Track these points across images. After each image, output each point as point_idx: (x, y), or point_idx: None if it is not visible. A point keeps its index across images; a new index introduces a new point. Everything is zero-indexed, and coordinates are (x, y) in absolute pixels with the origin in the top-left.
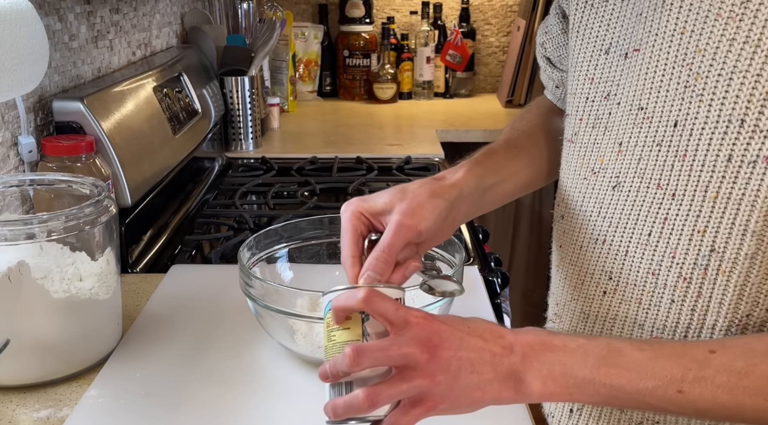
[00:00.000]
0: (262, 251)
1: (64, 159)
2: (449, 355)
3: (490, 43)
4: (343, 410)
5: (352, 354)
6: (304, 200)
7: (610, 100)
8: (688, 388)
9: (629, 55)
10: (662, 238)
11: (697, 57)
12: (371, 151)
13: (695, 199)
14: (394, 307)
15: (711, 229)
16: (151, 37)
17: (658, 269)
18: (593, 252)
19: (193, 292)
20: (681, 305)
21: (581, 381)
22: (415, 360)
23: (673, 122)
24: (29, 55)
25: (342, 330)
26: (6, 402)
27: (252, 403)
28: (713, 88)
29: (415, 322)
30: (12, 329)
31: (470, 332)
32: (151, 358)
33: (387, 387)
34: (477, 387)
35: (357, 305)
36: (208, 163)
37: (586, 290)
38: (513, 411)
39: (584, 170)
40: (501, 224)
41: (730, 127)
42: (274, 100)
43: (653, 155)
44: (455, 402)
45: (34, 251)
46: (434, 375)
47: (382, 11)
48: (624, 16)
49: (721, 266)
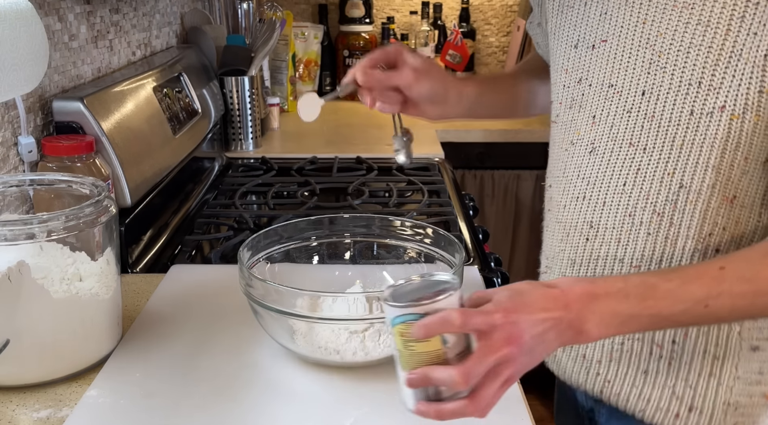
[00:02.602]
0: (262, 251)
1: (64, 159)
2: (527, 339)
3: (490, 43)
4: (449, 415)
5: (462, 379)
6: (304, 200)
7: (582, 83)
8: (712, 303)
9: (596, 46)
10: (636, 186)
11: (659, 39)
12: (371, 151)
13: (664, 149)
14: (481, 319)
15: (679, 170)
16: (151, 37)
17: (634, 211)
18: (575, 209)
19: (193, 292)
20: (656, 236)
21: (626, 317)
22: (507, 357)
23: (641, 92)
24: (29, 55)
25: (422, 341)
26: (6, 402)
27: (252, 403)
28: (674, 61)
29: (500, 325)
30: (12, 329)
31: (534, 309)
32: (151, 358)
33: (487, 388)
34: (545, 351)
35: (455, 330)
36: (208, 163)
37: (570, 240)
38: (513, 412)
39: (565, 143)
40: (501, 224)
41: (691, 88)
42: (274, 100)
43: (624, 120)
44: (529, 367)
45: (34, 251)
46: (518, 359)
47: (382, 11)
48: (588, 16)
49: (688, 197)
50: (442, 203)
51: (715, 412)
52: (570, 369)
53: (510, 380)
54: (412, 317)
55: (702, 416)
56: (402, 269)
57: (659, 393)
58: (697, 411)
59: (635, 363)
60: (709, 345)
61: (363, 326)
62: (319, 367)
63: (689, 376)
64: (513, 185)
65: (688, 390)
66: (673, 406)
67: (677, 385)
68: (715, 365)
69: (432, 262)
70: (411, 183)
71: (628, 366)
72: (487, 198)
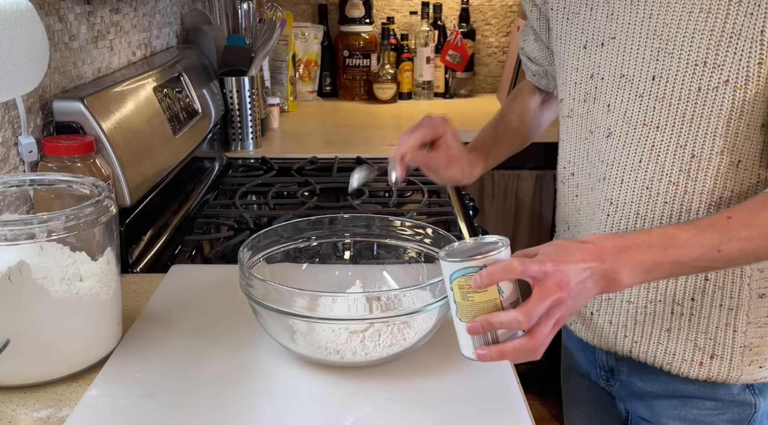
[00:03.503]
0: (262, 251)
1: (64, 159)
2: (573, 285)
3: (490, 44)
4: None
5: (525, 318)
6: (304, 200)
7: (595, 78)
8: (724, 247)
9: (605, 43)
10: (651, 160)
11: (665, 29)
12: (371, 151)
13: (675, 125)
14: (537, 267)
15: (690, 142)
16: (151, 37)
17: (651, 184)
18: (598, 189)
19: (193, 292)
20: (672, 204)
21: (652, 264)
22: (559, 300)
23: (651, 77)
24: (29, 55)
25: (480, 292)
26: (6, 402)
27: (252, 403)
28: (680, 46)
29: (551, 272)
30: (12, 329)
31: (576, 259)
32: (151, 358)
33: (543, 328)
34: (585, 297)
35: (517, 276)
36: (208, 163)
37: (595, 219)
38: (513, 412)
39: (584, 133)
40: (501, 224)
41: (697, 68)
42: (274, 101)
43: (636, 105)
44: (574, 312)
45: (34, 251)
46: (567, 302)
47: (382, 11)
48: (595, 19)
49: (700, 165)
50: (442, 203)
51: (734, 355)
52: (600, 334)
53: (560, 321)
54: (471, 270)
55: (723, 361)
56: (402, 269)
57: (683, 347)
58: (719, 358)
59: (659, 323)
60: (724, 299)
61: (363, 326)
62: (319, 367)
63: (708, 328)
64: (513, 185)
65: (708, 341)
66: (697, 356)
67: (698, 337)
68: (729, 315)
69: (432, 262)
70: (411, 183)
71: (652, 327)
72: (487, 198)
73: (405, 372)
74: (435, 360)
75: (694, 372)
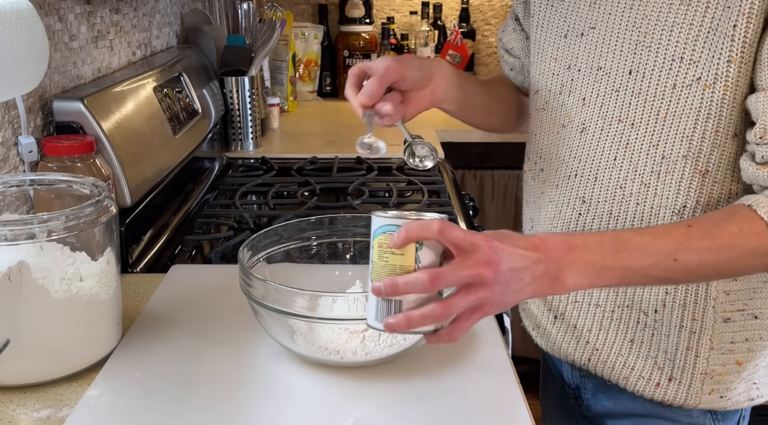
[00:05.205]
0: (262, 251)
1: (64, 159)
2: (505, 268)
3: (490, 44)
4: (419, 320)
5: (429, 280)
6: (304, 200)
7: (572, 69)
8: (680, 256)
9: (585, 33)
10: (626, 159)
11: (645, 21)
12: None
13: (650, 123)
14: (463, 234)
15: (662, 142)
16: (151, 37)
17: (624, 183)
18: (567, 186)
19: (193, 292)
20: (643, 206)
21: (601, 268)
22: (482, 278)
23: (628, 71)
24: (29, 55)
25: (396, 254)
26: (6, 402)
27: (252, 403)
28: (659, 40)
29: (480, 245)
30: (12, 329)
31: (515, 244)
32: (151, 358)
33: (458, 300)
34: (519, 291)
35: (432, 235)
36: (208, 163)
37: (563, 218)
38: (513, 411)
39: (556, 126)
40: (501, 224)
41: (674, 64)
42: (274, 101)
43: (612, 99)
44: (503, 305)
45: (34, 251)
46: (493, 287)
47: (382, 11)
48: (578, 7)
49: (668, 168)
50: (442, 203)
51: (693, 382)
52: (560, 340)
53: (483, 307)
54: (394, 227)
55: (681, 386)
56: None
57: (642, 363)
58: (677, 381)
59: (623, 331)
60: (685, 320)
61: (363, 326)
62: (319, 367)
63: (668, 348)
64: (513, 185)
65: (668, 362)
66: (655, 375)
67: (659, 356)
68: (692, 339)
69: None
70: (411, 183)
71: (616, 335)
72: (487, 198)
73: (405, 372)
74: (435, 360)
75: (650, 392)
